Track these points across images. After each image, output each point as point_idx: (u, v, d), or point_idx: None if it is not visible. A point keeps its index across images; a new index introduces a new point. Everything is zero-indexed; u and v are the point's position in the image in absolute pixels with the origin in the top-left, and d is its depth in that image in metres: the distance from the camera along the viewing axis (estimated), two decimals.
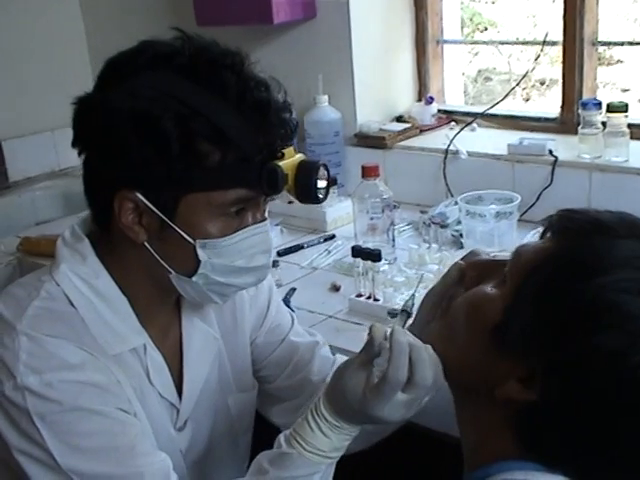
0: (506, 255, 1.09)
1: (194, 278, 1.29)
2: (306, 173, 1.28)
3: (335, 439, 1.18)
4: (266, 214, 1.31)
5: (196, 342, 1.40)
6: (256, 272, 1.34)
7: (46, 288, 1.29)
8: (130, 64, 1.23)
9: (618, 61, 3.92)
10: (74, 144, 1.28)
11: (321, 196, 1.32)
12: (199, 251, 1.26)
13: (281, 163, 1.25)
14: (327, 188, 1.34)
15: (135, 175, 1.21)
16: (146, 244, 1.27)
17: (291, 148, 1.28)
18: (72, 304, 1.28)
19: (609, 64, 3.86)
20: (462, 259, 1.19)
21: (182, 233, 1.24)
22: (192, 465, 1.45)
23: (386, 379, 1.10)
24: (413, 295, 1.24)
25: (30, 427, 1.20)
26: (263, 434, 1.54)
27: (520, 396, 0.97)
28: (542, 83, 4.02)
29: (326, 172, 1.32)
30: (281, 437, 1.22)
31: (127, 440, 1.25)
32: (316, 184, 1.30)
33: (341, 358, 1.53)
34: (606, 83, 3.56)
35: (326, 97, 2.64)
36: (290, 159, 1.27)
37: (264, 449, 1.27)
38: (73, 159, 1.28)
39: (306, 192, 1.30)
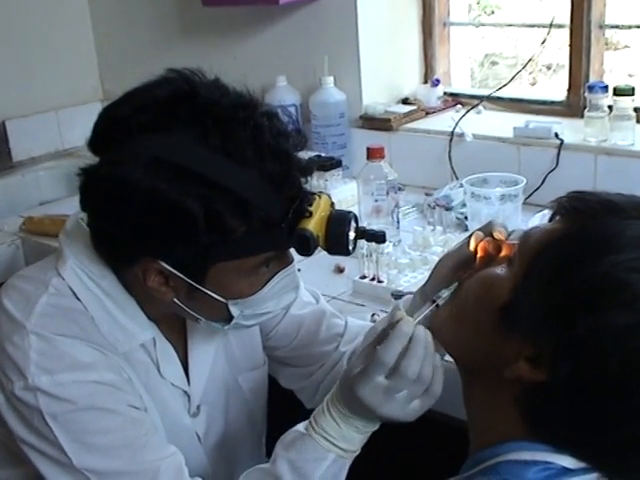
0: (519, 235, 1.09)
1: (225, 327, 1.30)
2: (337, 229, 1.24)
3: (344, 427, 1.18)
4: (292, 254, 1.28)
5: (200, 326, 1.39)
6: (284, 308, 1.36)
7: (53, 284, 1.28)
8: (131, 121, 1.17)
9: (625, 46, 3.89)
10: (83, 209, 1.24)
11: (351, 247, 1.27)
12: (231, 308, 1.26)
13: (311, 221, 1.20)
14: (356, 238, 1.29)
15: (158, 250, 1.19)
16: (175, 300, 1.26)
17: (317, 199, 1.23)
18: (80, 301, 1.28)
19: (616, 49, 3.84)
20: (480, 229, 1.19)
21: (213, 295, 1.23)
22: (212, 448, 1.46)
23: (373, 358, 1.11)
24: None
25: (43, 426, 1.20)
26: (278, 409, 1.55)
27: (529, 376, 0.96)
28: (549, 68, 4.00)
29: (355, 223, 1.27)
30: (301, 423, 1.23)
31: (140, 436, 1.25)
32: (347, 237, 1.25)
33: (352, 321, 1.54)
34: (611, 69, 3.55)
35: (332, 78, 2.63)
36: (318, 212, 1.22)
37: (280, 424, 1.28)
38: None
39: (337, 247, 1.25)
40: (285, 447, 1.22)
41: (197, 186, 1.12)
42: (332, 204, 1.26)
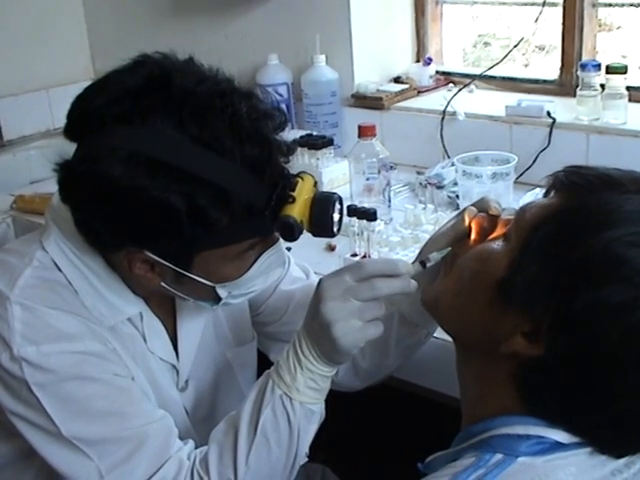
0: (512, 213, 1.09)
1: (214, 307, 1.31)
2: (321, 212, 1.22)
3: (292, 356, 1.20)
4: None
5: (188, 302, 1.38)
6: (272, 282, 1.38)
7: (38, 257, 1.27)
8: (105, 113, 1.14)
9: (619, 27, 3.88)
10: (63, 202, 1.22)
11: (336, 229, 1.26)
12: (219, 290, 1.26)
13: (294, 207, 1.19)
14: (340, 220, 1.26)
15: (141, 241, 1.18)
16: (162, 284, 1.26)
17: (300, 181, 1.21)
18: (64, 275, 1.27)
19: (610, 30, 3.82)
20: (473, 204, 1.19)
21: (199, 279, 1.23)
22: (199, 422, 1.46)
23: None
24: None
25: (30, 397, 1.20)
26: None
27: (525, 351, 0.97)
28: (542, 49, 3.98)
29: (340, 205, 1.26)
30: None
31: (127, 404, 1.25)
32: (332, 220, 1.24)
33: None
34: (605, 50, 3.53)
35: (324, 57, 2.62)
36: (301, 197, 1.20)
37: None
38: None
39: (322, 230, 1.24)
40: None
41: (178, 181, 1.10)
42: (315, 184, 1.25)
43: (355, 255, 1.88)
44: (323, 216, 1.22)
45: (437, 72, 2.75)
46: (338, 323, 1.14)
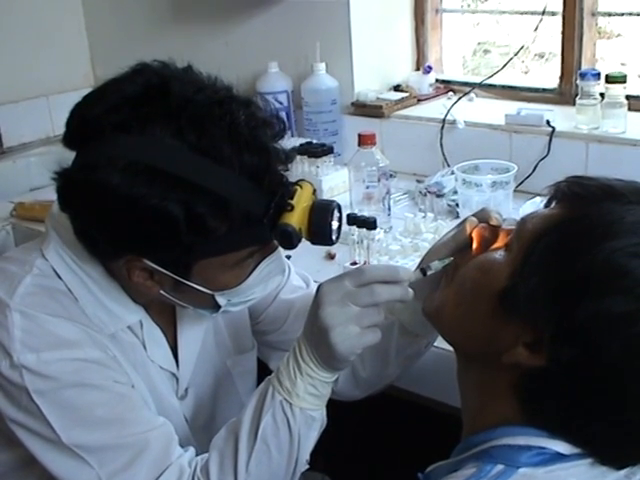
0: (513, 223, 1.09)
1: (213, 315, 1.31)
2: (319, 220, 1.22)
3: (292, 362, 1.20)
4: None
5: (188, 310, 1.38)
6: (271, 290, 1.37)
7: (38, 265, 1.28)
8: (104, 122, 1.14)
9: (618, 35, 3.89)
10: (63, 211, 1.22)
11: (334, 237, 1.25)
12: (218, 298, 1.26)
13: (293, 215, 1.18)
14: (339, 228, 1.26)
15: (140, 249, 1.19)
16: (161, 292, 1.26)
17: (298, 189, 1.21)
18: (64, 283, 1.27)
19: (609, 38, 3.83)
20: (474, 215, 1.19)
21: (198, 287, 1.24)
22: (199, 431, 1.46)
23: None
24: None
25: (30, 404, 1.20)
26: None
27: (527, 362, 0.97)
28: (541, 56, 3.99)
29: (338, 212, 1.25)
30: None
31: (127, 410, 1.25)
32: (330, 228, 1.23)
33: None
34: (605, 58, 3.54)
35: (323, 65, 2.62)
36: (300, 204, 1.20)
37: None
38: None
39: (320, 237, 1.24)
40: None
41: (176, 189, 1.11)
42: (314, 191, 1.25)
43: (355, 263, 1.88)
44: (322, 224, 1.22)
45: (437, 80, 2.76)
46: (336, 329, 1.14)
